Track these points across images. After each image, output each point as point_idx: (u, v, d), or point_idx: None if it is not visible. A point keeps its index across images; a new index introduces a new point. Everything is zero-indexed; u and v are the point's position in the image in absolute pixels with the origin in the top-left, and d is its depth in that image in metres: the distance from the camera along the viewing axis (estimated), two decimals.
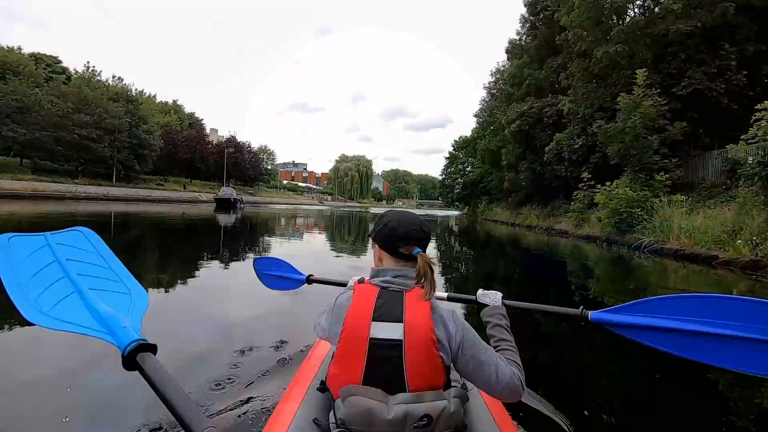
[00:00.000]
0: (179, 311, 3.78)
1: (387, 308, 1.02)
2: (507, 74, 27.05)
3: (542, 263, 9.78)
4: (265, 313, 3.61)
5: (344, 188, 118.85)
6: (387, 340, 0.98)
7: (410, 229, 1.14)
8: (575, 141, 17.28)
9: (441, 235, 17.54)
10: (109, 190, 31.96)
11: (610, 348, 3.33)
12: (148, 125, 41.91)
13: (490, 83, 39.35)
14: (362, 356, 0.99)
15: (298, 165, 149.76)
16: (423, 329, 0.99)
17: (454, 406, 0.96)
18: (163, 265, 6.54)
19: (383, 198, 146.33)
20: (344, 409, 0.95)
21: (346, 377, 1.00)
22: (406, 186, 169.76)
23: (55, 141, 31.16)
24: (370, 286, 1.10)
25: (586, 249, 12.48)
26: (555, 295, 5.77)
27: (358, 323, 1.01)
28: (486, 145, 34.92)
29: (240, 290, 4.62)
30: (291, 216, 24.84)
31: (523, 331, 2.62)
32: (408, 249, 1.13)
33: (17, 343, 2.76)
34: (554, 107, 20.83)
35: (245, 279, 4.69)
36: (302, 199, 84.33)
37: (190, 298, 4.30)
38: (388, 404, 0.94)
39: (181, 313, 3.70)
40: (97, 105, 34.85)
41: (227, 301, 4.27)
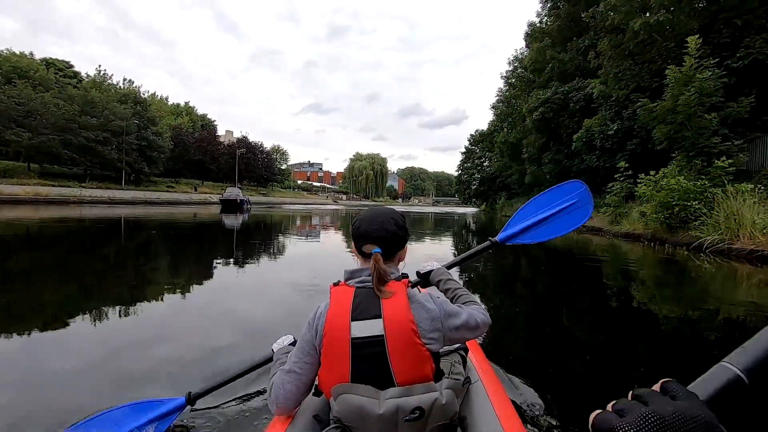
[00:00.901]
0: (187, 313, 3.58)
1: (364, 306, 1.03)
2: (527, 59, 25.12)
3: (573, 264, 8.23)
4: (272, 313, 3.56)
5: (359, 187, 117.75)
6: (368, 337, 0.99)
7: (371, 228, 1.14)
8: (608, 126, 15.36)
9: (458, 233, 15.90)
10: (115, 194, 31.23)
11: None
12: (158, 127, 41.32)
13: (508, 72, 37.31)
14: (347, 357, 0.99)
15: (313, 165, 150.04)
16: (402, 321, 0.99)
17: (447, 397, 0.97)
18: (172, 268, 6.13)
19: (398, 196, 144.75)
20: (337, 407, 0.97)
21: (335, 379, 1.00)
22: (422, 183, 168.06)
23: (61, 144, 30.60)
24: (346, 287, 1.10)
25: (626, 249, 10.71)
26: (594, 306, 4.39)
27: (338, 326, 1.01)
28: (504, 137, 33.01)
29: (246, 291, 4.44)
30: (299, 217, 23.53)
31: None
32: (369, 248, 1.13)
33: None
34: (581, 91, 18.90)
35: (253, 281, 4.91)
36: (316, 199, 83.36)
37: (198, 301, 4.03)
38: (380, 400, 0.95)
39: (188, 315, 3.52)
40: (104, 107, 34.26)
41: (233, 302, 4.02)
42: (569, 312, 4.06)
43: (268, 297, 4.22)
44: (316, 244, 10.02)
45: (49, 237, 9.14)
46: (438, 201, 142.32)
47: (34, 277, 4.81)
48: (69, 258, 6.63)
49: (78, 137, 31.67)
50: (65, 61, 48.09)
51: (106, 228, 11.75)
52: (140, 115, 38.61)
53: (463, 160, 50.07)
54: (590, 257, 9.68)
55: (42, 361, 2.38)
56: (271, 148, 74.79)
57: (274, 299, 4.11)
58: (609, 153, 15.79)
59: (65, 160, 31.98)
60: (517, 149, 30.32)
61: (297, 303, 3.85)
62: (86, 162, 33.29)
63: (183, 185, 47.67)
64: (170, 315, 3.46)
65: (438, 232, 15.03)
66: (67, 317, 3.24)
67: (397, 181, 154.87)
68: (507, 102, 35.61)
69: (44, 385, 2.10)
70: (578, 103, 18.87)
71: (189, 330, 3.12)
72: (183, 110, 63.92)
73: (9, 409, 1.85)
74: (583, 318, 3.86)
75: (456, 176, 55.80)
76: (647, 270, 7.33)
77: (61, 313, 3.42)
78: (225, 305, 3.81)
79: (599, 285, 5.69)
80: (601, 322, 3.69)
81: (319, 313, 1.09)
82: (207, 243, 9.77)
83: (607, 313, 4.09)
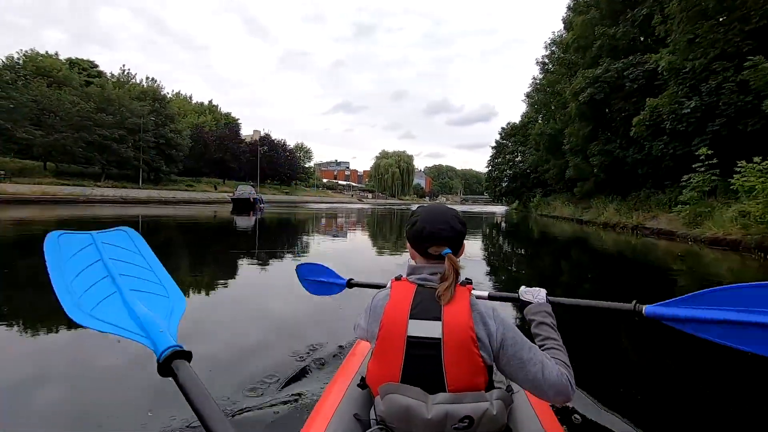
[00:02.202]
0: (221, 312, 3.68)
1: (424, 306, 0.99)
2: (569, 37, 22.04)
3: (631, 274, 6.57)
4: (307, 312, 3.58)
5: (385, 185, 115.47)
6: (425, 338, 0.96)
7: (437, 229, 1.08)
8: (683, 105, 12.35)
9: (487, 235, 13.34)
10: (129, 193, 30.21)
11: (665, 344, 3.09)
12: (176, 124, 40.37)
13: (544, 57, 34.05)
14: (400, 354, 0.97)
15: (340, 164, 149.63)
16: (462, 327, 0.96)
17: (497, 408, 0.93)
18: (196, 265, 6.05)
19: (426, 194, 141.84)
20: (383, 407, 0.94)
21: (385, 375, 0.98)
22: (450, 181, 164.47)
23: (76, 142, 29.82)
24: (408, 284, 1.07)
25: (712, 259, 8.11)
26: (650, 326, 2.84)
27: (396, 321, 0.99)
28: (541, 128, 29.85)
29: (282, 290, 4.46)
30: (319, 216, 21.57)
31: (571, 328, 2.89)
32: (436, 249, 1.08)
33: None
34: (640, 67, 15.83)
35: (285, 281, 4.70)
36: (341, 198, 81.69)
37: (232, 298, 4.18)
38: (428, 403, 0.92)
39: (224, 314, 3.62)
40: (120, 104, 33.43)
41: (270, 300, 4.16)
42: (618, 326, 3.52)
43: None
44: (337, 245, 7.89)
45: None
46: (466, 199, 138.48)
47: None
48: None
49: (93, 135, 30.85)
50: (89, 60, 48.09)
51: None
52: (158, 113, 37.66)
53: (494, 155, 46.78)
54: (655, 266, 7.46)
55: (92, 358, 2.51)
56: (295, 146, 73.62)
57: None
58: (681, 138, 12.76)
59: (80, 159, 31.24)
60: (555, 141, 27.18)
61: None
62: (102, 160, 32.50)
63: (204, 184, 46.77)
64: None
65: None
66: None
67: (424, 179, 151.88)
68: (544, 90, 32.37)
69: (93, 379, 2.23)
70: (636, 81, 15.80)
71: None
72: (206, 109, 63.45)
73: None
74: (636, 335, 3.34)
75: (485, 173, 52.51)
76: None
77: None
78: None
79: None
80: (660, 340, 3.12)
81: (376, 300, 1.08)
82: (204, 248, 7.80)
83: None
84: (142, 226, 12.04)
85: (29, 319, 3.22)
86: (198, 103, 64.95)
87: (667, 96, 12.98)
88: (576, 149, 22.03)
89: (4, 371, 2.29)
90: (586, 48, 20.90)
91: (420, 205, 1.32)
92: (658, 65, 13.76)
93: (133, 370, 2.28)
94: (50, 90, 30.09)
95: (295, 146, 74.21)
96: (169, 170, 39.84)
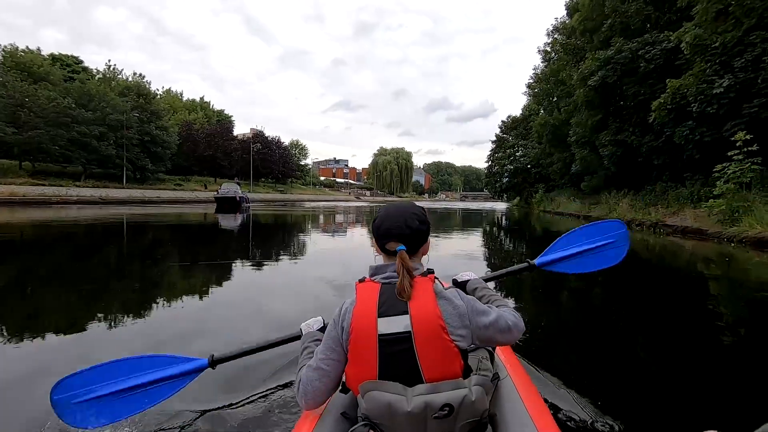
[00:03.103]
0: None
1: (390, 302, 1.01)
2: (576, 19, 20.34)
3: (653, 279, 5.56)
4: (298, 308, 3.51)
5: (384, 182, 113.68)
6: (395, 333, 0.97)
7: (393, 225, 1.11)
8: (714, 83, 10.71)
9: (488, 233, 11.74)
10: (109, 193, 28.54)
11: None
12: (162, 121, 38.66)
13: (546, 45, 32.34)
14: (374, 353, 0.98)
15: (339, 161, 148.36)
16: (430, 317, 0.97)
17: (476, 394, 0.95)
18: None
19: (425, 191, 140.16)
20: (365, 405, 0.95)
21: (363, 375, 0.99)
22: (449, 178, 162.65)
23: (52, 140, 28.15)
24: (372, 284, 1.08)
25: (758, 263, 6.56)
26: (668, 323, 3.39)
27: (365, 322, 1.00)
28: (544, 119, 28.17)
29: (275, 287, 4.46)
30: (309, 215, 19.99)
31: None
32: (392, 246, 1.10)
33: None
34: (657, 46, 14.18)
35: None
36: (338, 196, 80.00)
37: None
38: (407, 396, 0.93)
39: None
40: (101, 99, 31.74)
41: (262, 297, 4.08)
42: (625, 324, 3.44)
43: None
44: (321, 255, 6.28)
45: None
46: (466, 196, 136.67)
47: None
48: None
49: (71, 132, 29.18)
50: (74, 56, 46.41)
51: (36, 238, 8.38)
52: (143, 108, 35.97)
53: (494, 150, 45.03)
54: (689, 271, 6.26)
55: (92, 350, 2.51)
56: (290, 143, 71.87)
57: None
58: (711, 122, 11.12)
59: (58, 157, 29.57)
60: (559, 133, 25.54)
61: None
62: (82, 159, 30.84)
63: (193, 183, 45.11)
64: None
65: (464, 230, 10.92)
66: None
67: (423, 176, 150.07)
68: (546, 80, 30.70)
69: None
70: (653, 62, 14.13)
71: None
72: (197, 106, 61.71)
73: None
74: (642, 333, 3.23)
75: (485, 168, 50.79)
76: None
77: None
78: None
79: (700, 307, 3.88)
80: (671, 342, 2.97)
81: (344, 309, 1.08)
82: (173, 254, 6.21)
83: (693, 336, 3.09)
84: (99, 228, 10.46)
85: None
86: (189, 100, 63.22)
87: (694, 75, 11.34)
88: (583, 140, 20.39)
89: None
90: (594, 30, 19.22)
91: (389, 202, 1.45)
92: (680, 42, 12.11)
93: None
94: (24, 84, 28.36)
95: (291, 143, 72.43)
96: (155, 169, 38.17)
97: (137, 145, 34.84)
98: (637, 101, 15.11)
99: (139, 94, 36.99)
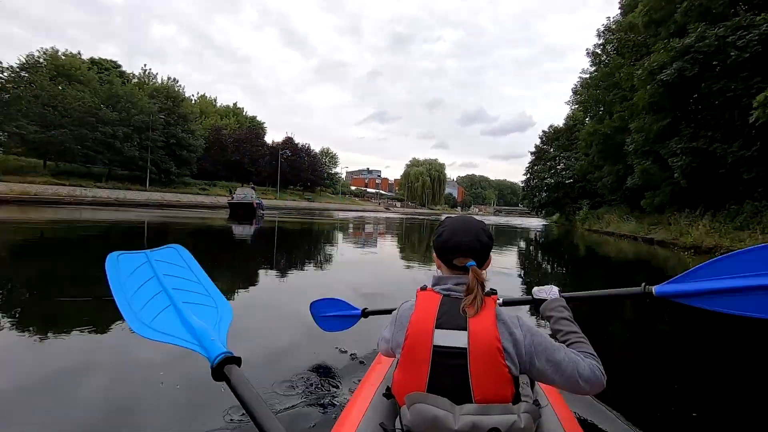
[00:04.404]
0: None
1: (450, 316, 0.99)
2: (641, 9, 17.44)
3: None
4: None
5: (415, 194, 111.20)
6: (451, 348, 0.96)
7: (463, 241, 1.09)
8: None
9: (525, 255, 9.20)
10: (126, 194, 27.73)
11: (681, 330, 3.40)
12: (189, 124, 38.16)
13: (596, 47, 29.25)
14: (426, 364, 0.96)
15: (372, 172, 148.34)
16: (488, 338, 0.95)
17: (525, 421, 0.92)
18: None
19: (458, 204, 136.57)
20: (410, 416, 0.94)
21: (411, 385, 0.98)
22: (483, 192, 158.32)
23: (75, 139, 27.77)
24: (433, 294, 1.07)
25: None
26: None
27: (422, 330, 0.99)
28: (593, 127, 25.08)
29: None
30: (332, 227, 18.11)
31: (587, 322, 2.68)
32: (461, 261, 1.08)
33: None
34: (754, 30, 11.25)
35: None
36: (367, 206, 78.24)
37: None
38: (455, 414, 0.91)
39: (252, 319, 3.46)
40: (127, 100, 31.39)
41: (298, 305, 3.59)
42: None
43: None
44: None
45: None
46: (500, 210, 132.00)
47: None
48: None
49: (95, 132, 28.78)
50: (113, 60, 47.29)
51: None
52: (170, 111, 35.53)
53: (533, 162, 41.84)
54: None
55: (132, 349, 2.51)
56: (320, 151, 70.92)
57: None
58: None
59: (80, 157, 29.22)
60: (612, 142, 22.47)
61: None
62: (104, 159, 30.43)
63: (219, 188, 44.46)
64: None
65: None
66: None
67: (456, 189, 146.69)
68: (596, 85, 27.62)
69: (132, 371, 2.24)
70: (747, 49, 11.20)
71: None
72: (230, 111, 61.89)
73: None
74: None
75: (522, 182, 47.41)
76: None
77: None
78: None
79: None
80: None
81: (402, 310, 1.08)
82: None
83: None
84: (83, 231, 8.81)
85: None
86: (223, 106, 63.59)
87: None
88: (644, 149, 17.34)
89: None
90: (662, 21, 16.32)
91: (448, 215, 1.36)
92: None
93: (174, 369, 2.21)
94: (51, 83, 28.24)
95: (321, 151, 71.48)
96: (180, 172, 37.59)
97: (162, 147, 34.31)
98: (724, 99, 12.14)
99: (168, 96, 36.67)
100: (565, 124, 38.68)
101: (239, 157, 46.21)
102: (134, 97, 31.99)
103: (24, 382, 2.07)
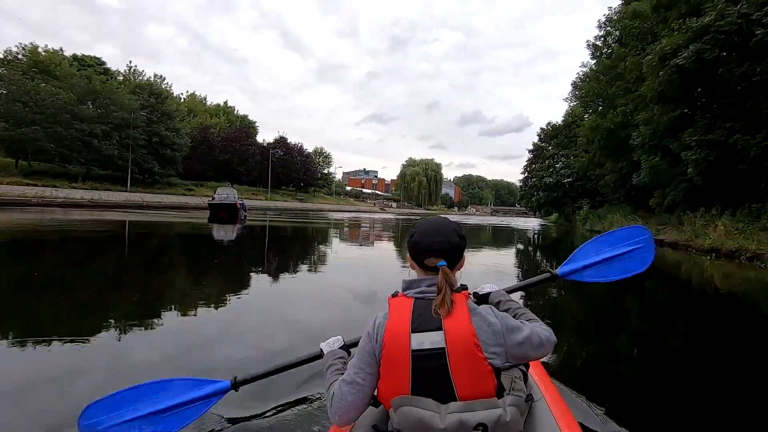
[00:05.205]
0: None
1: (424, 318, 0.99)
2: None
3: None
4: (327, 320, 3.49)
5: (411, 194, 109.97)
6: (429, 350, 0.96)
7: (434, 241, 1.09)
8: None
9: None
10: (102, 195, 26.19)
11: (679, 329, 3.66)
12: (174, 122, 36.61)
13: (597, 39, 28.00)
14: (407, 369, 0.97)
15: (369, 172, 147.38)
16: (464, 335, 0.96)
17: (511, 414, 0.94)
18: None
19: (454, 204, 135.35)
20: (398, 419, 0.95)
21: (395, 391, 0.98)
22: (480, 192, 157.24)
23: (48, 137, 26.24)
24: (405, 299, 1.07)
25: None
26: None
27: (397, 337, 0.98)
28: (595, 121, 23.77)
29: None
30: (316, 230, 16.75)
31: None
32: (432, 261, 1.08)
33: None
34: None
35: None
36: (362, 206, 76.81)
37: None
38: (441, 413, 0.92)
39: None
40: (106, 96, 29.87)
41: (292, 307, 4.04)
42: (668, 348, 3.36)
43: None
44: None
45: None
46: (497, 210, 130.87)
47: None
48: None
49: (70, 129, 27.24)
50: (96, 57, 45.70)
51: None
52: (153, 108, 34.00)
53: (530, 161, 40.57)
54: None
55: (127, 353, 2.59)
56: (314, 151, 69.48)
57: None
58: None
59: (54, 156, 27.66)
60: (615, 137, 21.19)
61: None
62: (81, 158, 28.88)
63: (206, 189, 42.94)
64: None
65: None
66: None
67: (453, 189, 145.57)
68: (596, 78, 26.33)
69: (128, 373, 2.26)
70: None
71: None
72: (221, 110, 60.35)
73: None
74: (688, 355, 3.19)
75: (519, 181, 46.12)
76: None
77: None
78: None
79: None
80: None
81: (377, 323, 1.07)
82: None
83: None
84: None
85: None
86: (213, 105, 62.07)
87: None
88: (652, 143, 16.03)
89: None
90: (671, 5, 15.02)
91: (423, 217, 1.34)
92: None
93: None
94: (23, 78, 26.70)
95: (314, 151, 70.05)
96: (164, 172, 36.06)
97: (144, 146, 32.75)
98: (746, 84, 10.82)
99: (150, 93, 35.13)
100: (563, 122, 37.45)
101: (228, 156, 44.70)
102: (113, 93, 30.45)
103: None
